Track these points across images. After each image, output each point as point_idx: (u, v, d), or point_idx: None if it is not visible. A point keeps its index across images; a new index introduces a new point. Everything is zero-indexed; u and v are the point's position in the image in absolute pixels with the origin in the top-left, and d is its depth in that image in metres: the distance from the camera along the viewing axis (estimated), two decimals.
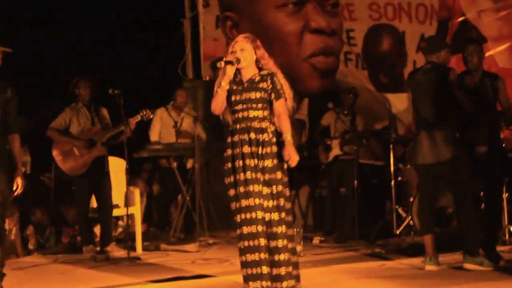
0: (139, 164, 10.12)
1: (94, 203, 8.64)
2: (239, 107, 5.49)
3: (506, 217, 8.31)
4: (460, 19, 11.03)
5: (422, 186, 7.01)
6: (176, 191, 9.63)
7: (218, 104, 5.55)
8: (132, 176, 8.98)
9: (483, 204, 7.16)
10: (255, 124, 5.43)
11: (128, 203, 8.09)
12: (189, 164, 9.62)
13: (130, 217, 8.45)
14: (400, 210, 9.16)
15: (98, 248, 8.41)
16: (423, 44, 7.95)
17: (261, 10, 11.60)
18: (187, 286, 6.34)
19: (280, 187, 5.38)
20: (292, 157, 5.38)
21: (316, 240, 9.06)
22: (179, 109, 9.63)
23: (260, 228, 5.31)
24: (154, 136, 9.65)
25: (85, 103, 8.51)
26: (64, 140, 8.40)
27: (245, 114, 5.46)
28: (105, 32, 12.45)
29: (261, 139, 5.39)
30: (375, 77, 11.29)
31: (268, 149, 5.38)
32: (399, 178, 9.35)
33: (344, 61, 11.35)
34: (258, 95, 5.48)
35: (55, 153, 8.41)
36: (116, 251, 8.21)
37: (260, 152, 5.37)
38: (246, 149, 5.39)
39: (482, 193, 7.17)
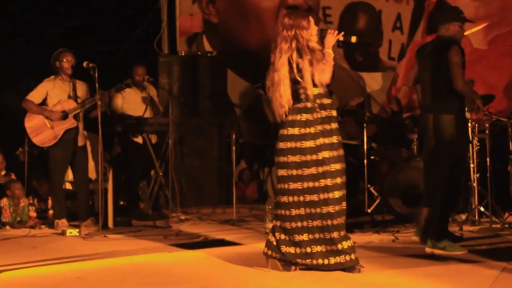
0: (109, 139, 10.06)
1: (69, 177, 8.63)
2: None
3: (476, 198, 8.38)
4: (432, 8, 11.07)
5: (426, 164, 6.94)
6: (146, 166, 9.61)
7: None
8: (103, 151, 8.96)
9: None
10: None
11: (102, 177, 8.09)
12: (153, 139, 9.57)
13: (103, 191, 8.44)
14: (372, 189, 9.21)
15: (74, 222, 8.40)
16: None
17: None
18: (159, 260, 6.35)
19: None
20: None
21: None
22: (137, 85, 9.55)
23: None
24: (117, 109, 9.59)
25: (66, 76, 8.45)
26: (37, 112, 8.35)
27: None
28: (82, 6, 12.34)
29: None
30: (351, 55, 11.30)
31: None
32: (372, 157, 9.39)
33: (320, 38, 11.33)
34: None
35: (27, 125, 8.38)
36: (94, 226, 8.20)
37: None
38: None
39: None
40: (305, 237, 5.42)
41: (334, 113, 5.49)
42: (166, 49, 11.93)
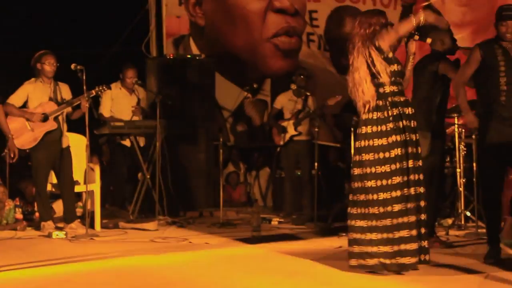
0: (96, 141, 10.04)
1: (54, 179, 8.60)
2: None
3: (462, 203, 8.41)
4: (424, 4, 11.07)
5: None
6: (133, 168, 9.60)
7: None
8: (91, 153, 8.95)
9: None
10: None
11: (88, 179, 8.08)
12: (141, 142, 9.57)
13: (90, 194, 8.43)
14: None
15: (60, 225, 8.38)
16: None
17: None
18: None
19: None
20: None
21: (274, 221, 9.11)
22: (127, 87, 9.55)
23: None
24: (106, 112, 9.58)
25: (47, 79, 8.43)
26: (18, 115, 8.32)
27: None
28: (69, 8, 12.31)
29: None
30: (337, 59, 11.32)
31: None
32: None
33: (306, 42, 11.36)
34: None
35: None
36: (80, 228, 8.18)
37: None
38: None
39: None
40: (384, 235, 5.44)
41: (407, 110, 5.51)
42: (154, 51, 11.91)
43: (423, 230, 5.48)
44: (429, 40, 5.80)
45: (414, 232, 5.41)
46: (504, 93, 6.32)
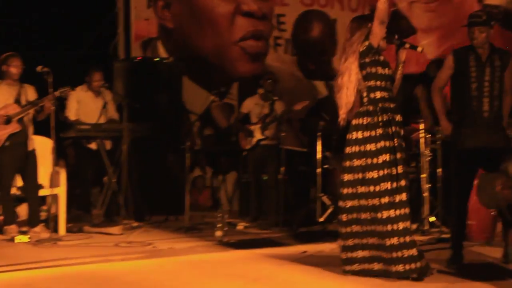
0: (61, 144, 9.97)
1: (19, 182, 8.53)
2: None
3: (427, 208, 8.45)
4: (391, 9, 11.12)
5: None
6: (99, 172, 9.55)
7: None
8: (58, 157, 8.88)
9: None
10: None
11: (53, 183, 8.03)
12: (108, 145, 9.51)
13: (54, 198, 8.36)
14: (324, 198, 9.25)
15: (23, 229, 8.31)
16: None
17: None
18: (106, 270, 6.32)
19: None
20: None
21: (240, 226, 9.11)
22: (93, 90, 9.50)
23: None
24: (72, 115, 9.51)
25: (12, 81, 8.35)
26: None
27: None
28: (37, 10, 12.22)
29: None
30: (304, 63, 11.34)
31: None
32: (325, 166, 9.43)
33: (273, 46, 11.38)
34: None
35: None
36: (44, 233, 8.11)
37: None
38: None
39: None
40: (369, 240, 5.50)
41: (397, 117, 5.54)
42: (122, 54, 11.86)
43: (408, 239, 5.43)
44: (420, 49, 5.81)
45: (407, 239, 5.40)
46: (475, 99, 6.40)
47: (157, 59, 11.15)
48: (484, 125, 6.32)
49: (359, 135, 5.49)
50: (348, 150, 5.55)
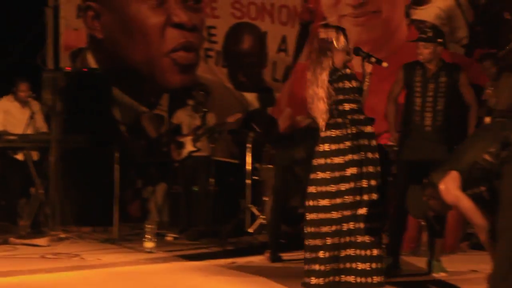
0: None
1: None
2: None
3: None
4: (321, 23, 11.20)
5: None
6: (26, 183, 9.41)
7: None
8: None
9: None
10: None
11: None
12: (35, 156, 9.39)
13: None
14: (253, 209, 9.27)
15: None
16: None
17: (124, 1, 11.47)
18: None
19: None
20: None
21: (169, 237, 9.07)
22: (20, 100, 9.39)
23: None
24: None
25: None
26: None
27: None
28: None
29: None
30: (234, 75, 11.36)
31: None
32: (255, 177, 9.46)
33: (204, 57, 11.38)
34: None
35: None
36: None
37: None
38: None
39: None
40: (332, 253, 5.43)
41: (367, 129, 5.51)
42: (50, 64, 11.71)
43: (375, 252, 5.44)
44: (385, 64, 5.80)
45: (362, 252, 5.39)
46: (418, 114, 6.54)
47: (86, 69, 11.05)
48: (425, 139, 6.48)
49: (326, 147, 5.45)
50: (314, 162, 5.50)
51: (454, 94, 6.73)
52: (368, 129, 5.52)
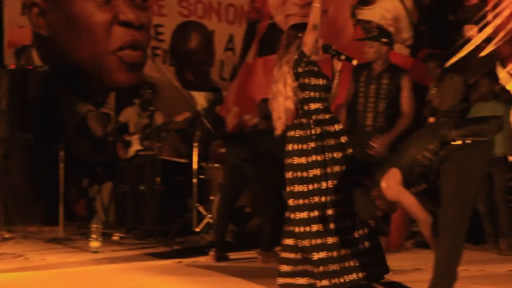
0: None
1: None
2: None
3: None
4: (268, 22, 11.24)
5: None
6: None
7: None
8: None
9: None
10: None
11: None
12: None
13: None
14: (200, 208, 9.26)
15: None
16: None
17: None
18: None
19: None
20: None
21: (115, 237, 9.02)
22: None
23: None
24: None
25: None
26: None
27: None
28: None
29: None
30: (182, 74, 11.34)
31: None
32: (201, 176, 9.45)
33: (151, 56, 11.33)
34: None
35: None
36: None
37: None
38: None
39: None
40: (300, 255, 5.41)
41: (333, 128, 5.45)
42: None
43: (349, 251, 5.36)
44: (355, 62, 5.75)
45: (334, 254, 5.31)
46: (361, 113, 6.59)
47: (31, 67, 10.92)
48: (366, 139, 6.54)
49: (290, 147, 5.42)
50: (285, 161, 5.48)
51: (398, 96, 6.81)
52: (335, 128, 5.46)
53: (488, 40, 9.47)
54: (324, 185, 5.34)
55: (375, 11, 10.33)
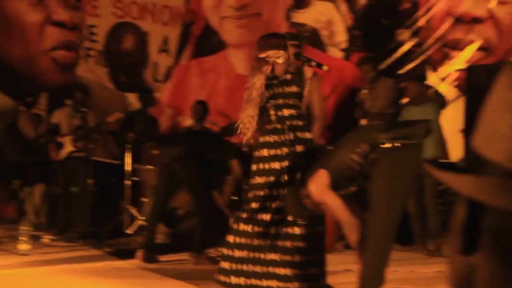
0: None
1: None
2: None
3: None
4: (203, 23, 11.24)
5: None
6: None
7: None
8: None
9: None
10: None
11: None
12: None
13: None
14: (132, 210, 9.20)
15: None
16: None
17: None
18: None
19: None
20: None
21: (46, 239, 8.89)
22: None
23: None
24: None
25: None
26: None
27: None
28: None
29: None
30: (115, 75, 11.27)
31: None
32: (134, 178, 9.39)
33: (84, 56, 11.23)
34: None
35: None
36: None
37: None
38: None
39: None
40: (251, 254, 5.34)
41: (305, 135, 5.42)
42: None
43: (297, 258, 5.30)
44: (325, 68, 5.76)
45: (288, 257, 5.28)
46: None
47: None
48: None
49: (265, 153, 5.39)
50: (253, 167, 5.45)
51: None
52: (307, 135, 5.48)
53: (419, 44, 9.62)
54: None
55: (309, 14, 10.42)
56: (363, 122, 8.17)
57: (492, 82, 0.93)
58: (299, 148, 5.41)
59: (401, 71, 9.25)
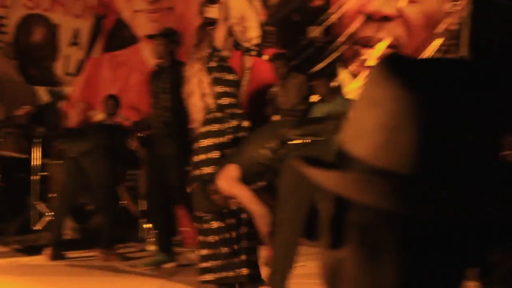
0: None
1: None
2: None
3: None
4: (115, 17, 11.12)
5: None
6: None
7: None
8: None
9: None
10: None
11: None
12: None
13: None
14: (40, 206, 9.03)
15: None
16: None
17: None
18: None
19: None
20: None
21: None
22: None
23: None
24: None
25: None
26: None
27: None
28: None
29: None
30: (25, 68, 11.06)
31: None
32: (43, 173, 9.23)
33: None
34: None
35: None
36: None
37: None
38: None
39: None
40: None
41: (245, 123, 5.43)
42: None
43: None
44: (265, 57, 5.80)
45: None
46: (152, 109, 6.87)
47: None
48: (157, 133, 6.71)
49: (209, 142, 5.37)
50: (196, 158, 5.41)
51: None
52: (246, 123, 5.51)
53: (330, 41, 9.72)
54: None
55: None
56: (275, 118, 8.22)
57: None
58: (242, 135, 5.45)
59: (314, 69, 9.34)
